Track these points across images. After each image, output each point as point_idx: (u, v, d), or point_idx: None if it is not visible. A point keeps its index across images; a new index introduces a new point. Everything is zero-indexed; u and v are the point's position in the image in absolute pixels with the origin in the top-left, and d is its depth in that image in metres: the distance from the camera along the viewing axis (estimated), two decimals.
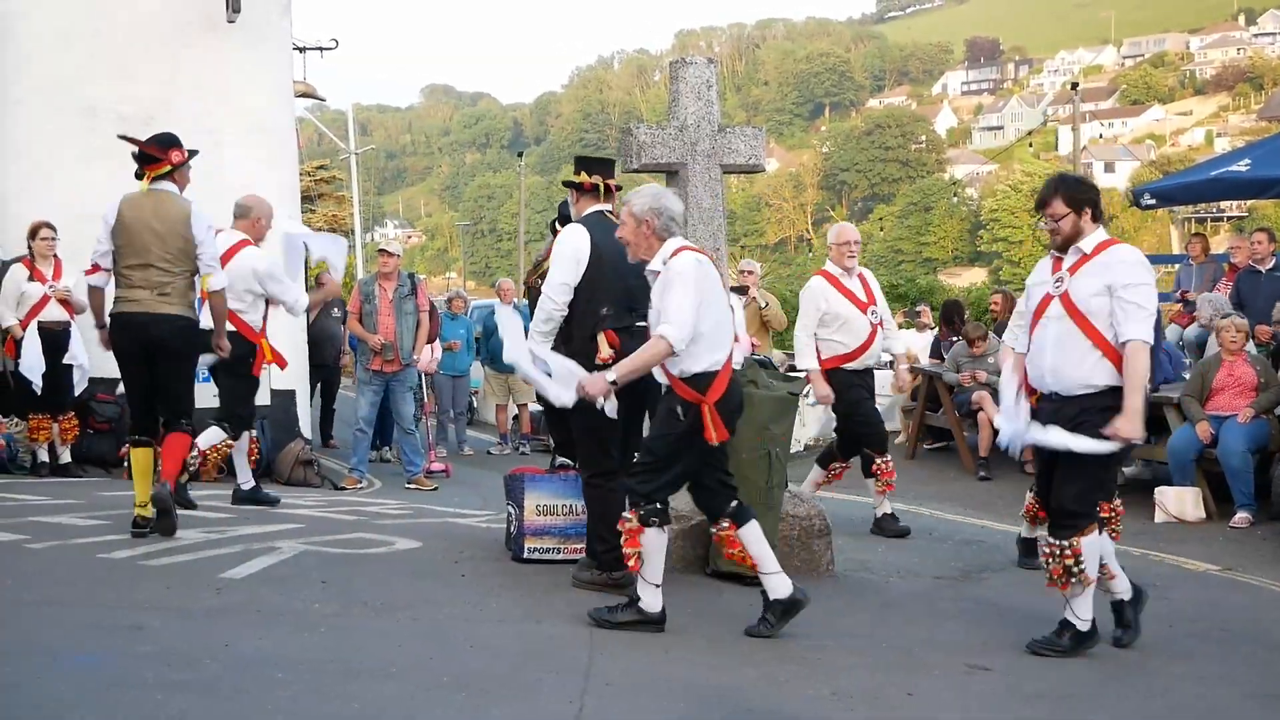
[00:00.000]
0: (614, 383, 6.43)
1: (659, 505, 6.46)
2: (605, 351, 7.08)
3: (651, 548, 6.46)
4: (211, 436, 9.53)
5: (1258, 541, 10.42)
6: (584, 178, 7.70)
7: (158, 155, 8.24)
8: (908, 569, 8.89)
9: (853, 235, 10.27)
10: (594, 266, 7.22)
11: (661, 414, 6.61)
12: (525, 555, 7.78)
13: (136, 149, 8.28)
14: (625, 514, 6.50)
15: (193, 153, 8.46)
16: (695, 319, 6.36)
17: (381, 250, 13.82)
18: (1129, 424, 6.34)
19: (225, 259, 8.89)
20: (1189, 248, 15.86)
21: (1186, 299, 14.26)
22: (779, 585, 6.62)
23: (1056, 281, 6.68)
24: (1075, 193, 6.69)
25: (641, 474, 6.51)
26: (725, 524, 6.66)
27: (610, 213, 7.56)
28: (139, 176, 8.29)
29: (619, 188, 7.82)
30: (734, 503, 6.70)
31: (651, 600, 6.55)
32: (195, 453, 9.27)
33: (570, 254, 7.25)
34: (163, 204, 8.17)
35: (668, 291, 6.41)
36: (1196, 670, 6.66)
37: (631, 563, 6.51)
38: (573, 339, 7.24)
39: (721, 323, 6.58)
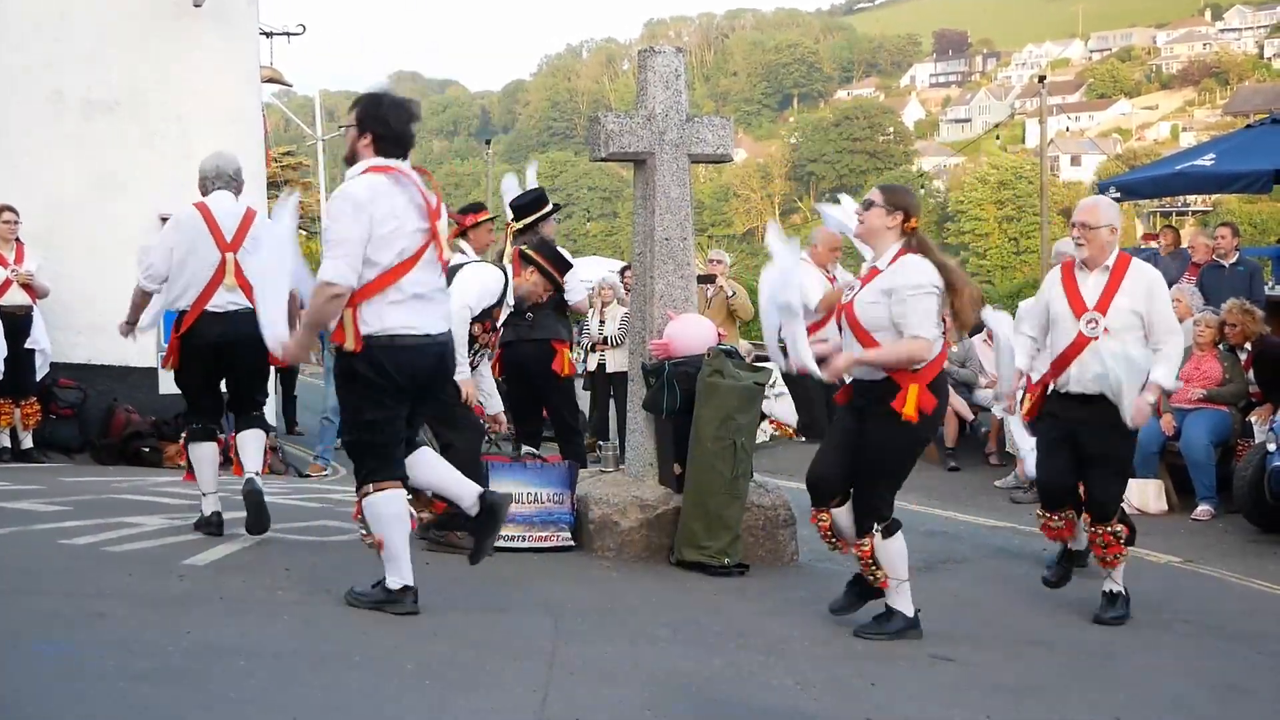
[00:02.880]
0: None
1: (196, 425, 7.77)
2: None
3: (198, 460, 7.74)
4: None
5: (1219, 534, 10.49)
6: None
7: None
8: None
9: (1082, 217, 7.34)
10: None
11: None
12: None
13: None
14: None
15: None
16: (163, 262, 7.60)
17: None
18: None
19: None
20: (1161, 237, 15.94)
21: None
22: (210, 504, 7.72)
23: None
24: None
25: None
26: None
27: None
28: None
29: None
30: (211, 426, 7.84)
31: (208, 505, 7.72)
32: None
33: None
34: None
35: None
36: (1158, 661, 6.71)
37: (185, 474, 7.63)
38: None
39: (198, 269, 7.57)
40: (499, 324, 8.27)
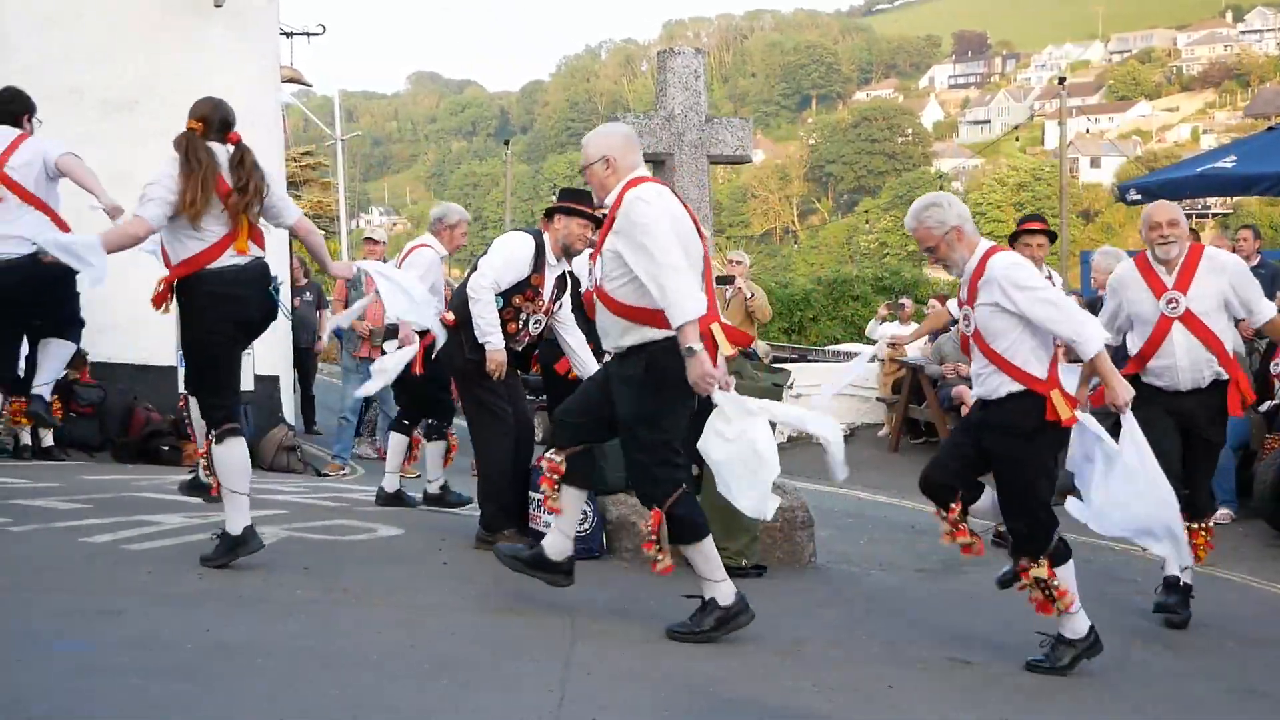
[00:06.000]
0: None
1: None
2: None
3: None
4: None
5: (1238, 538, 10.45)
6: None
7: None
8: (889, 561, 8.92)
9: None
10: None
11: None
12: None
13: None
14: None
15: None
16: None
17: (367, 239, 13.82)
18: None
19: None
20: None
21: None
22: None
23: None
24: None
25: None
26: None
27: None
28: None
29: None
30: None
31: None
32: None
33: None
34: None
35: None
36: (1175, 665, 6.69)
37: None
38: None
39: None
40: (550, 292, 8.17)
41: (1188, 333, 7.13)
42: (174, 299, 6.77)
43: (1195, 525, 7.27)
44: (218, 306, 6.68)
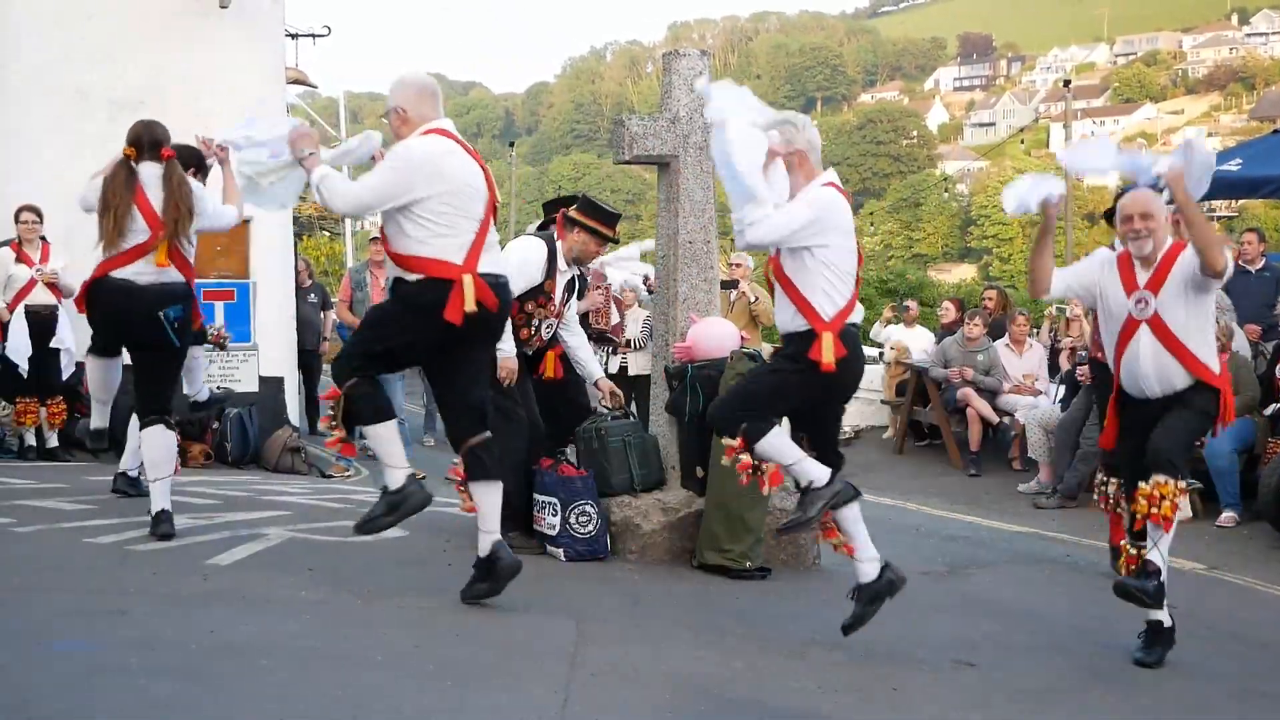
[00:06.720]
0: None
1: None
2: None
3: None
4: None
5: (1243, 541, 10.44)
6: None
7: None
8: (893, 563, 8.89)
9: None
10: None
11: None
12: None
13: None
14: None
15: None
16: None
17: (375, 239, 13.83)
18: None
19: None
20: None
21: None
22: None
23: None
24: None
25: None
26: None
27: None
28: None
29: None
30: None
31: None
32: None
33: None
34: None
35: None
36: (1181, 668, 6.67)
37: None
38: None
39: None
40: (560, 296, 8.16)
41: (1155, 339, 6.56)
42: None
43: (1159, 486, 6.48)
44: (100, 314, 7.45)
